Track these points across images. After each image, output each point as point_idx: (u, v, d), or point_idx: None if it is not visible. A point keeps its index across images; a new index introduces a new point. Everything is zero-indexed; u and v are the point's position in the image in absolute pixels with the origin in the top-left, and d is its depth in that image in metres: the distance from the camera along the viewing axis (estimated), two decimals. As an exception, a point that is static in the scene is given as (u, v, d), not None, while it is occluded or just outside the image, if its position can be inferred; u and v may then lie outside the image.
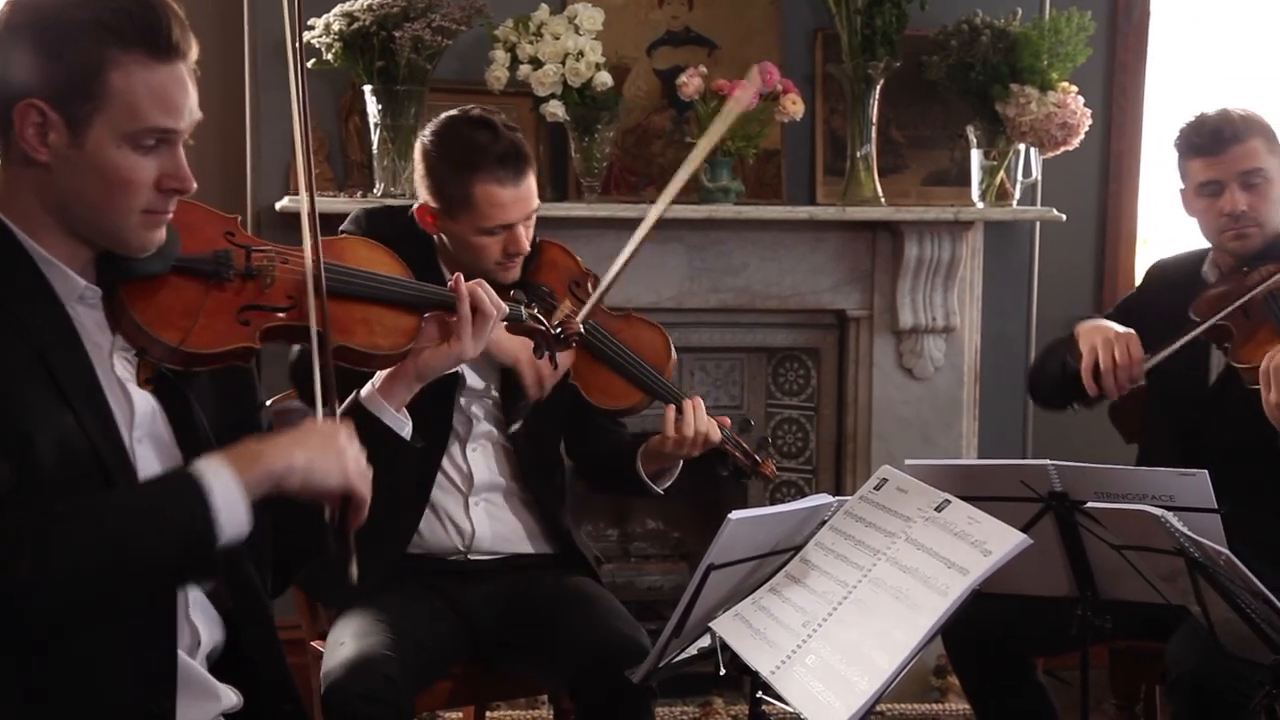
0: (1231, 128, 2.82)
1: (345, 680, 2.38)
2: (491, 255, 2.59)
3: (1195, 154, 2.86)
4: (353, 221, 2.73)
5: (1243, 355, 2.68)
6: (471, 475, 2.72)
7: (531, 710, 3.66)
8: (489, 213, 2.55)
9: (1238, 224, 2.81)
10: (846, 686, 1.87)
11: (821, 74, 3.93)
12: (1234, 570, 2.05)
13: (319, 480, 1.73)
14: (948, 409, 3.94)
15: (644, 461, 2.72)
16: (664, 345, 2.75)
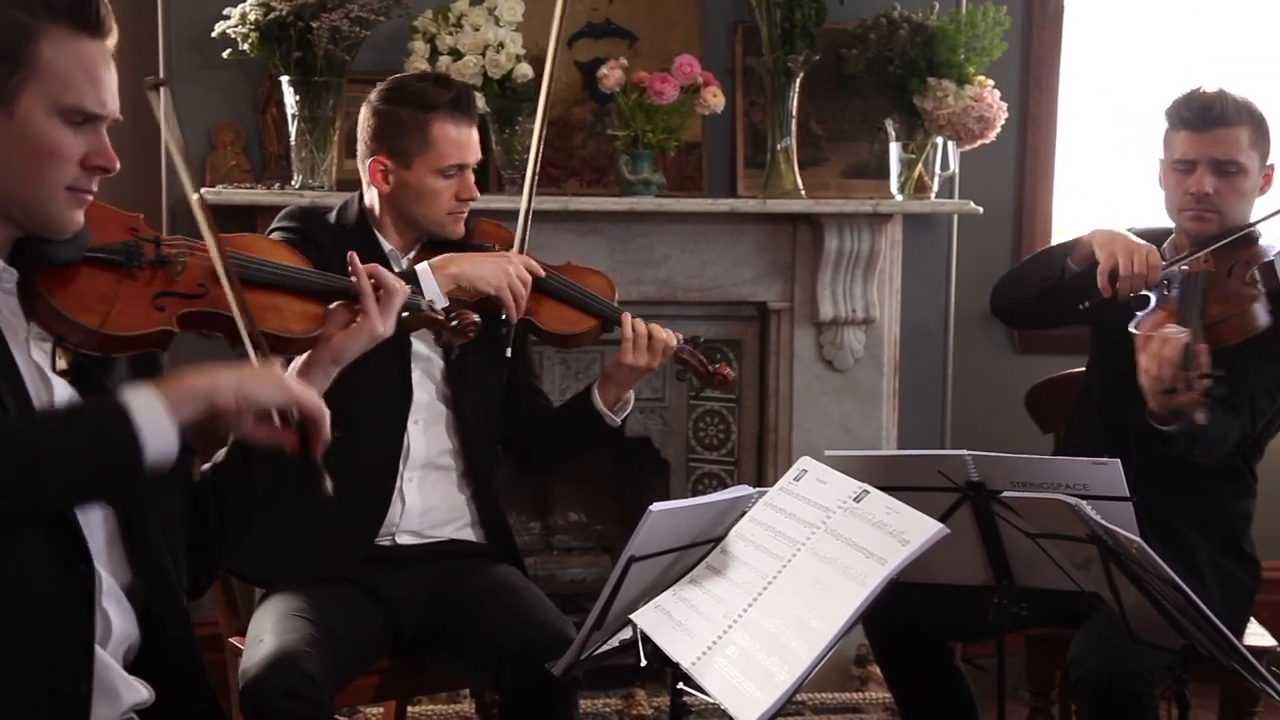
0: (1221, 107, 2.80)
1: (265, 676, 2.35)
2: (445, 201, 2.70)
3: (1181, 126, 2.84)
4: (287, 219, 2.75)
5: (1140, 324, 2.68)
6: (409, 449, 2.71)
7: (453, 705, 3.65)
8: (447, 151, 2.68)
9: (1199, 205, 2.80)
10: (766, 676, 1.88)
11: (741, 67, 3.95)
12: (1145, 558, 2.08)
13: (256, 395, 1.75)
14: (868, 400, 3.97)
15: (601, 392, 2.78)
16: (605, 280, 2.90)
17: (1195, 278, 2.73)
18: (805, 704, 3.77)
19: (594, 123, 3.85)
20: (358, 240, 2.72)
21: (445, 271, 2.63)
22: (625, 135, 3.70)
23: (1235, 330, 2.65)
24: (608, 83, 3.68)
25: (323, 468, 1.84)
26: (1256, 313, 2.68)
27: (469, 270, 2.64)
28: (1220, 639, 2.09)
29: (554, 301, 2.78)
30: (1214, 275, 2.74)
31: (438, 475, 2.75)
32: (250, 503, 2.00)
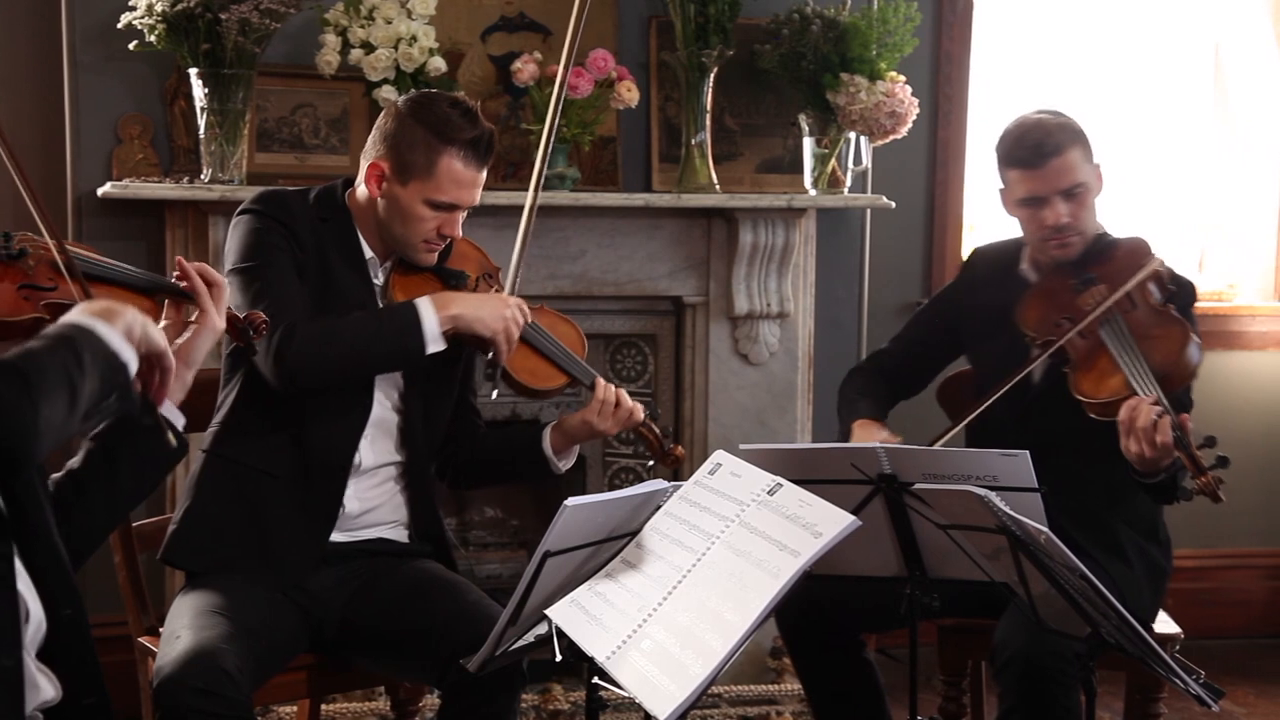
0: (1052, 141, 2.85)
1: (180, 674, 2.31)
2: (425, 230, 2.64)
3: (1016, 165, 2.89)
4: (260, 203, 2.67)
5: (1084, 387, 2.73)
6: (360, 463, 2.69)
7: (368, 702, 3.62)
8: (444, 186, 2.61)
9: (1061, 235, 2.87)
10: (680, 669, 1.89)
11: (656, 61, 3.95)
12: (1053, 547, 2.11)
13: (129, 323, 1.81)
14: (783, 394, 4.00)
15: (553, 440, 2.77)
16: (577, 334, 2.87)
17: (1116, 324, 2.75)
18: (721, 696, 3.79)
19: (508, 117, 3.84)
20: (337, 234, 2.67)
21: (446, 312, 2.60)
22: (540, 129, 3.68)
23: (1179, 378, 2.71)
24: (522, 77, 3.67)
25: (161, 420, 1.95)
26: (1191, 354, 2.72)
27: (469, 313, 2.62)
28: (1126, 626, 2.13)
29: (529, 351, 2.75)
30: (1125, 314, 2.77)
31: (378, 480, 2.73)
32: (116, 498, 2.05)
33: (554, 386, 2.78)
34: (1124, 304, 2.79)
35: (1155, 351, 2.70)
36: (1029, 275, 2.98)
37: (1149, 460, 2.58)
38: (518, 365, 2.72)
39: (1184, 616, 3.13)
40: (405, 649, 2.60)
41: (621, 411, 2.73)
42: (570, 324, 2.87)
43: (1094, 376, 2.71)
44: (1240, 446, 4.60)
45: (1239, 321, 4.65)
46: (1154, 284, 2.82)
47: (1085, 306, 2.79)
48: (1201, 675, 2.15)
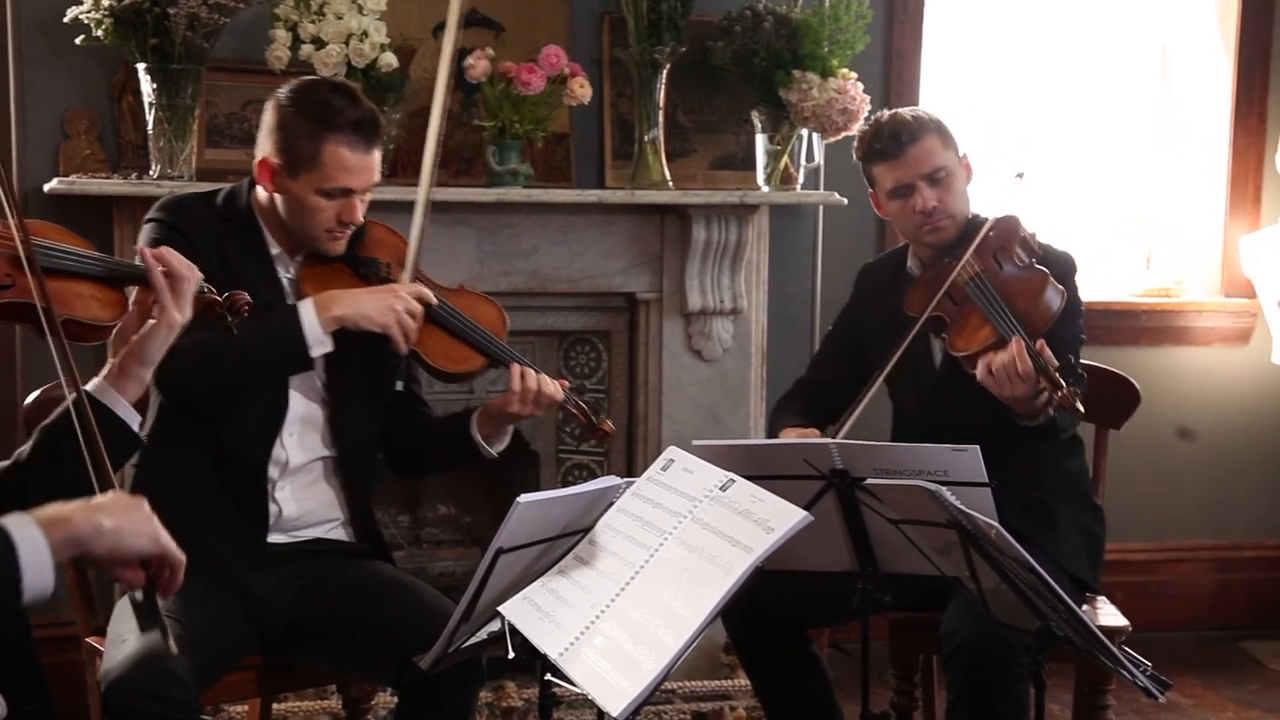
0: (907, 129, 2.93)
1: (128, 677, 2.29)
2: (324, 220, 2.60)
3: (878, 159, 2.97)
4: (161, 210, 2.66)
5: (958, 343, 2.82)
6: (286, 459, 2.67)
7: (320, 701, 3.60)
8: (333, 174, 2.57)
9: (931, 219, 2.93)
10: (633, 666, 1.89)
11: (609, 58, 3.95)
12: (1003, 542, 2.13)
13: (129, 545, 1.78)
14: (736, 390, 4.01)
15: (480, 425, 2.74)
16: (498, 313, 2.82)
17: (977, 284, 2.84)
18: (675, 692, 3.80)
19: (460, 113, 3.82)
20: (241, 234, 2.66)
21: (329, 314, 2.57)
22: (492, 126, 3.68)
23: (1042, 319, 2.79)
24: (474, 72, 3.65)
25: (164, 620, 1.88)
26: (1051, 298, 2.82)
27: (352, 312, 2.58)
28: (1074, 619, 2.15)
29: (443, 334, 2.72)
30: (989, 273, 2.86)
31: (312, 479, 2.71)
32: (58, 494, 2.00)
33: (471, 369, 2.75)
34: (990, 265, 2.87)
35: (1017, 298, 2.80)
36: (915, 272, 3.04)
37: (1023, 399, 2.64)
38: (431, 350, 2.70)
39: (1132, 609, 3.16)
40: (361, 649, 2.59)
41: (542, 396, 2.70)
42: (491, 304, 2.83)
43: (967, 332, 2.81)
44: (1188, 441, 4.67)
45: (1186, 317, 4.69)
46: (1020, 249, 2.91)
47: (950, 271, 2.88)
48: (1148, 667, 2.17)
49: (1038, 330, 2.74)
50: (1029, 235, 2.95)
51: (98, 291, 2.15)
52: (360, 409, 2.74)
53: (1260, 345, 4.65)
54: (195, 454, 2.61)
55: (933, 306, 2.86)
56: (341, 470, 2.74)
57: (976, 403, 2.76)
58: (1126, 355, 4.35)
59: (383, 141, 2.64)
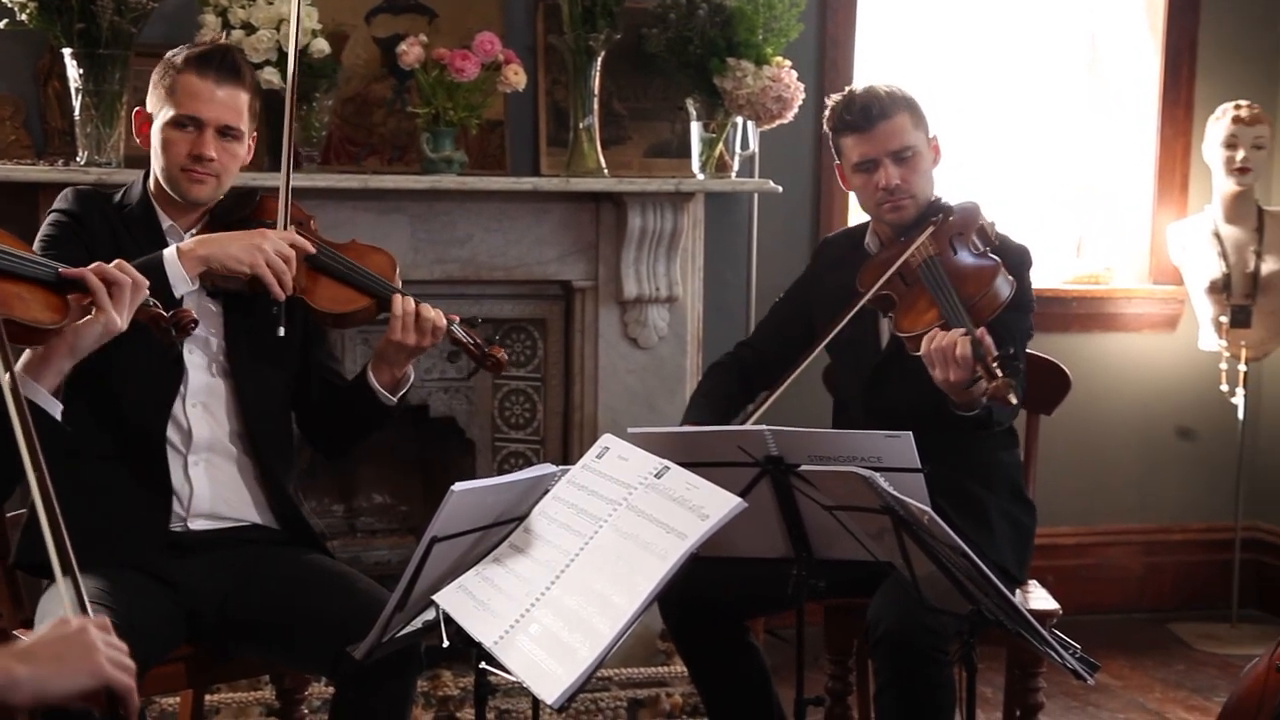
0: (879, 104, 2.93)
1: None
2: (177, 155, 2.62)
3: (847, 131, 2.96)
4: (62, 200, 2.66)
5: (903, 324, 2.81)
6: (191, 432, 2.64)
7: (253, 692, 3.58)
8: (182, 100, 2.62)
9: (893, 197, 2.94)
10: (568, 653, 1.89)
11: (543, 45, 3.93)
12: (935, 527, 2.15)
13: (58, 688, 1.71)
14: (672, 377, 4.01)
15: (376, 372, 2.72)
16: (387, 257, 2.81)
17: (928, 267, 2.84)
18: (611, 679, 3.80)
19: (394, 100, 3.80)
20: (136, 221, 2.66)
21: (192, 255, 2.54)
22: (426, 113, 3.65)
23: (988, 307, 2.78)
24: (407, 59, 3.63)
25: None
26: (1000, 286, 2.82)
27: (217, 251, 2.56)
28: (1005, 603, 2.17)
29: (328, 279, 2.70)
30: (943, 257, 2.86)
31: (224, 459, 2.68)
32: None
33: (357, 309, 2.72)
34: (945, 249, 2.87)
35: (966, 285, 2.80)
36: (872, 249, 3.04)
37: (958, 385, 2.63)
38: (316, 294, 2.68)
39: (1063, 593, 3.20)
40: (297, 640, 2.57)
41: (424, 321, 2.67)
42: (382, 252, 2.82)
43: (913, 314, 2.80)
44: (1117, 426, 4.74)
45: (1115, 304, 4.76)
46: (977, 237, 2.92)
47: (903, 251, 2.89)
48: (1078, 649, 2.20)
49: (983, 317, 2.74)
50: (988, 224, 2.95)
51: (35, 293, 2.14)
52: (265, 380, 2.72)
53: (1187, 331, 4.72)
54: (94, 430, 2.58)
55: (882, 283, 2.85)
56: (254, 449, 2.70)
57: (916, 388, 2.75)
58: (1057, 342, 4.40)
59: (245, 85, 2.66)
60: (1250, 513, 4.79)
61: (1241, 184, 4.46)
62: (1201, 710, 3.96)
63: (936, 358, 2.64)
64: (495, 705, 3.65)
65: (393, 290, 2.72)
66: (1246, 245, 4.47)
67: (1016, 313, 2.87)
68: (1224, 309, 4.48)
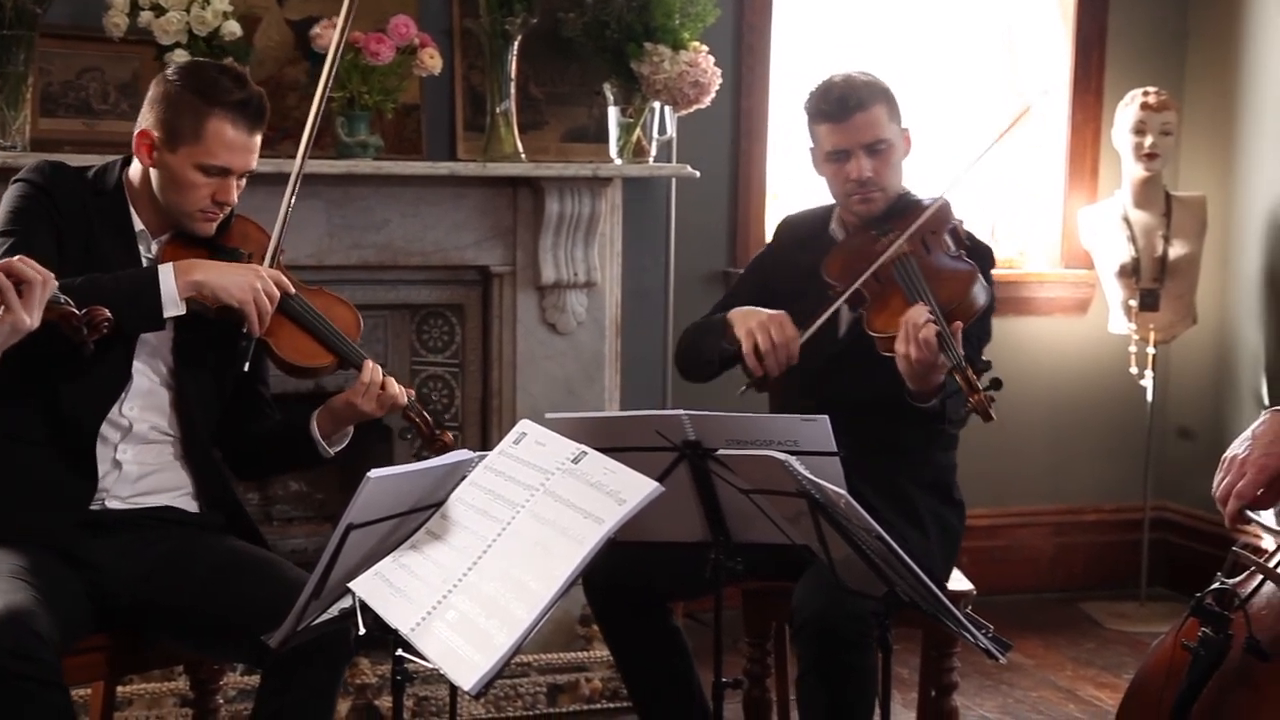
0: (856, 95, 2.93)
1: None
2: (199, 198, 2.59)
3: (823, 119, 2.97)
4: (33, 172, 2.61)
5: (876, 323, 2.80)
6: (130, 428, 2.62)
7: (167, 683, 3.54)
8: (214, 149, 2.56)
9: (863, 189, 2.95)
10: (486, 639, 1.89)
11: (459, 28, 3.90)
12: (852, 511, 2.16)
13: None
14: (591, 363, 4.01)
15: (320, 422, 2.72)
16: (354, 317, 2.80)
17: (907, 263, 2.84)
18: (531, 665, 3.80)
19: (308, 83, 3.75)
20: (108, 209, 2.62)
21: (188, 277, 2.53)
22: (340, 96, 3.62)
23: (964, 315, 2.77)
24: (321, 42, 3.58)
25: None
26: (977, 295, 2.82)
27: (213, 279, 2.55)
28: (920, 585, 2.20)
29: (295, 328, 2.69)
30: (918, 257, 2.87)
31: (156, 447, 2.67)
32: None
33: (320, 365, 2.72)
34: (918, 249, 2.88)
35: (943, 288, 2.79)
36: (837, 235, 3.05)
37: (917, 365, 2.63)
38: (283, 342, 2.68)
39: (976, 574, 3.25)
40: (221, 629, 2.54)
41: (386, 395, 2.68)
42: (347, 307, 2.82)
43: (886, 313, 2.80)
44: (1029, 409, 4.80)
45: (1028, 288, 4.82)
46: (949, 237, 2.93)
47: (879, 251, 2.88)
48: (990, 629, 2.23)
49: (958, 323, 2.71)
50: (959, 224, 2.95)
51: None
52: (205, 395, 2.71)
53: (1098, 315, 4.80)
54: (26, 413, 2.56)
55: (860, 283, 2.84)
56: (187, 450, 2.70)
57: (870, 379, 2.77)
58: (971, 326, 4.45)
59: (264, 128, 2.64)
60: (1158, 493, 4.88)
61: (1150, 170, 4.54)
62: (1111, 687, 4.03)
63: (907, 332, 2.63)
64: (413, 693, 3.64)
65: (360, 357, 2.72)
66: (1155, 230, 4.55)
67: (981, 318, 2.88)
68: (1133, 293, 4.55)
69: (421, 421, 2.77)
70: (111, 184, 2.65)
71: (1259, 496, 2.19)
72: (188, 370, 2.67)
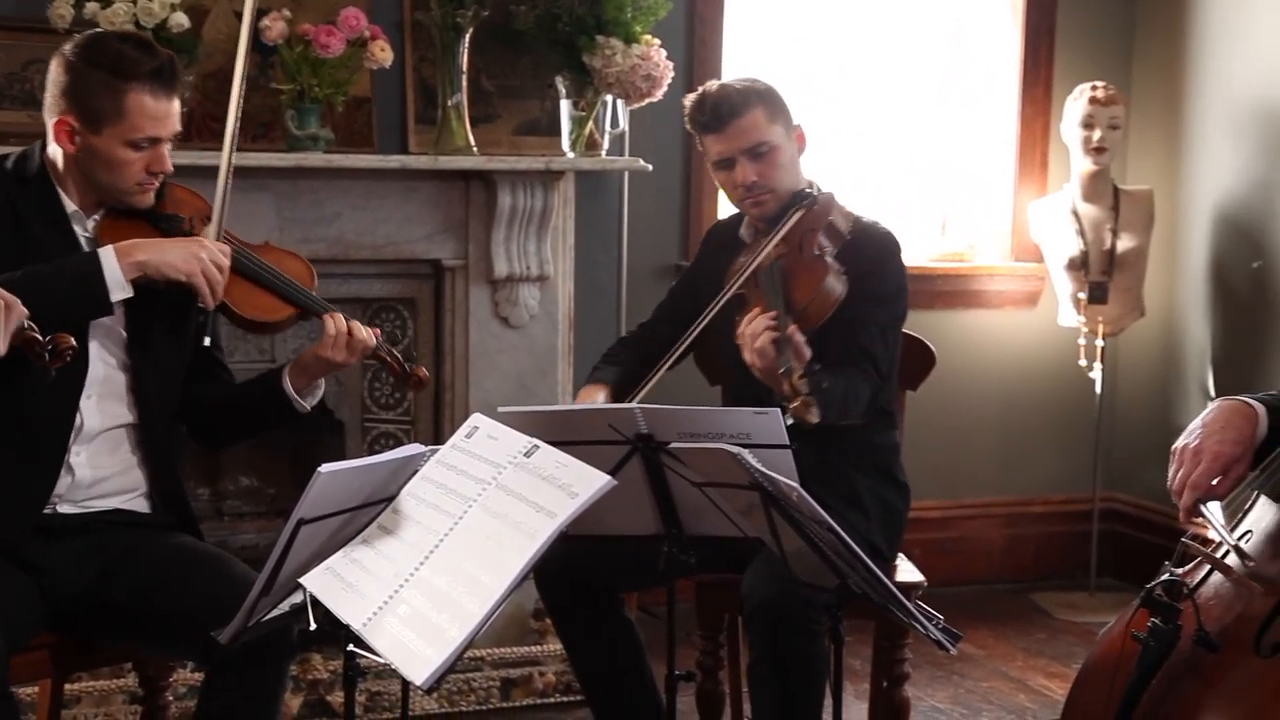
0: (729, 103, 2.93)
1: None
2: (134, 173, 2.56)
3: (703, 130, 2.98)
4: None
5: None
6: (82, 426, 2.59)
7: (115, 680, 3.51)
8: (140, 123, 2.53)
9: (752, 193, 2.96)
10: (438, 634, 1.89)
11: (410, 21, 3.89)
12: (804, 503, 2.17)
13: None
14: (544, 357, 4.00)
15: (292, 377, 2.70)
16: (305, 267, 2.79)
17: (771, 269, 2.85)
18: (484, 659, 3.79)
19: (257, 75, 3.72)
20: (35, 196, 2.58)
21: (130, 259, 2.50)
22: (290, 89, 3.59)
23: (820, 310, 2.79)
24: (270, 35, 3.56)
25: None
26: (832, 286, 2.82)
27: (156, 258, 2.53)
28: (871, 576, 2.21)
29: (251, 285, 2.68)
30: (788, 257, 2.87)
31: (111, 446, 2.64)
32: None
33: (281, 318, 2.72)
34: (793, 249, 2.88)
35: (798, 289, 2.80)
36: (746, 238, 3.08)
37: (763, 371, 2.65)
38: (240, 300, 2.66)
39: (927, 565, 3.26)
40: (168, 626, 2.52)
41: (355, 341, 2.67)
42: (298, 258, 2.81)
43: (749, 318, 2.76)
44: (979, 401, 4.84)
45: (978, 281, 4.85)
46: (825, 234, 2.91)
47: (758, 255, 2.90)
48: (941, 620, 2.25)
49: (812, 323, 2.74)
50: (838, 219, 2.94)
51: None
52: (164, 372, 2.68)
53: (1047, 308, 4.84)
54: None
55: (737, 285, 2.87)
56: (144, 438, 2.66)
57: None
58: (922, 318, 4.47)
59: (179, 87, 2.61)
60: (1107, 484, 4.93)
61: (1098, 163, 4.57)
62: (1061, 676, 4.07)
63: (744, 340, 2.67)
64: (365, 688, 3.62)
65: (321, 306, 2.71)
66: (1103, 223, 4.59)
67: (873, 304, 2.87)
68: (1082, 285, 4.59)
69: (393, 360, 2.77)
70: (34, 169, 2.60)
71: (1213, 486, 2.21)
72: (144, 349, 2.64)
